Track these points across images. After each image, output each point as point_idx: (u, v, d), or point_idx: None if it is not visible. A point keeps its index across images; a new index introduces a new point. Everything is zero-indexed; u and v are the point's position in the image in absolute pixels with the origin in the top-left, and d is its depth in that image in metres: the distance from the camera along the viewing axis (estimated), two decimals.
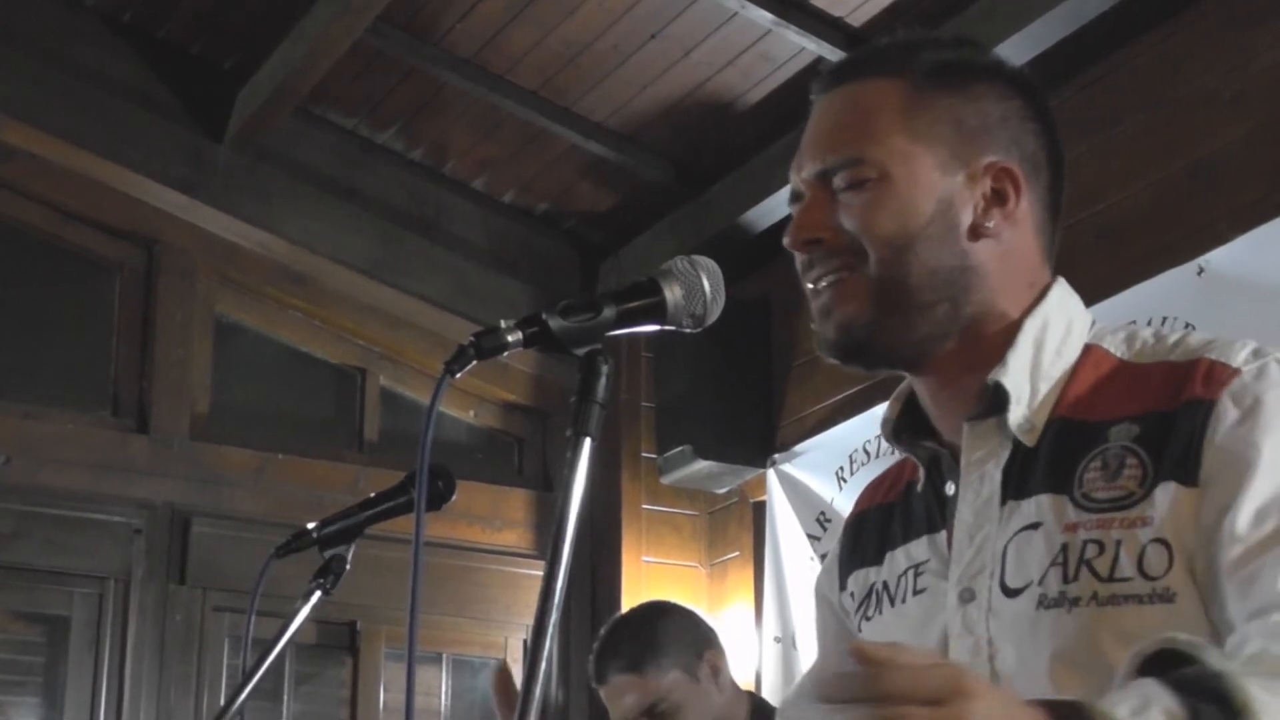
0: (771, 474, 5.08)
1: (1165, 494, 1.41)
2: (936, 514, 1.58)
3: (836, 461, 4.84)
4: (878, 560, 1.64)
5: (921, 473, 1.62)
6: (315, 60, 4.71)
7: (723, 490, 5.41)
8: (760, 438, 5.17)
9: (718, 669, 3.33)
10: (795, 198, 1.62)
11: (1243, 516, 1.37)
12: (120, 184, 5.10)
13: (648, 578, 5.30)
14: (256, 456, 5.23)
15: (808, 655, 4.86)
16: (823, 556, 4.79)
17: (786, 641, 4.95)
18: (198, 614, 5.06)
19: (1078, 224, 4.16)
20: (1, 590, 4.91)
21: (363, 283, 5.38)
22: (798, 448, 5.01)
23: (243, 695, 2.22)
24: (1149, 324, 3.90)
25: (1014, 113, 1.60)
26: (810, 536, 4.90)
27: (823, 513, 4.87)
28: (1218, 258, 3.77)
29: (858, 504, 1.75)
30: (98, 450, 5.02)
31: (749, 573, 5.27)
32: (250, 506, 5.13)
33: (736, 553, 5.37)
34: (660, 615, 3.45)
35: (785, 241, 1.60)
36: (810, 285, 1.58)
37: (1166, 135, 4.06)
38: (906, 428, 1.63)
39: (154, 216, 5.19)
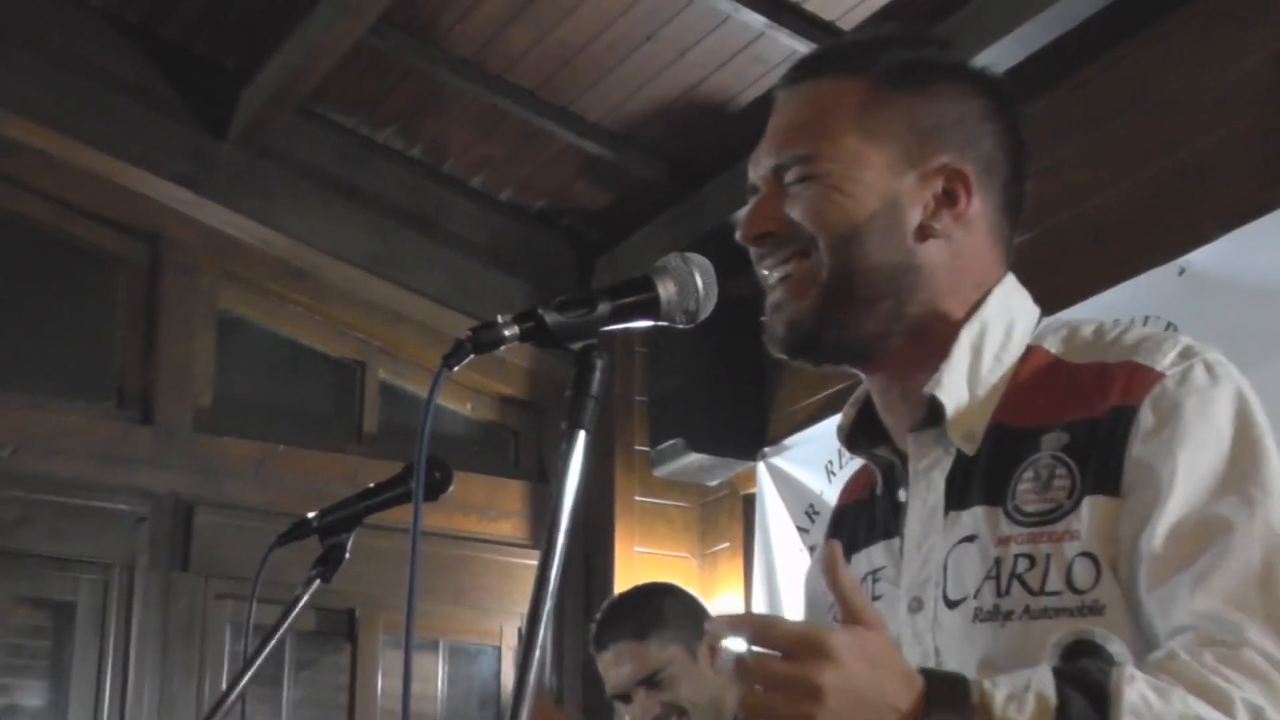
0: (762, 467, 5.09)
1: (1091, 507, 1.39)
2: (892, 520, 1.58)
3: (826, 455, 4.84)
4: (848, 560, 1.63)
5: (879, 478, 1.61)
6: (316, 60, 4.71)
7: (714, 483, 5.41)
8: (751, 431, 5.17)
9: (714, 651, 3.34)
10: (751, 192, 1.62)
11: (1159, 533, 1.35)
12: (125, 180, 5.10)
13: (640, 568, 5.30)
14: (258, 448, 5.24)
15: None
16: (812, 548, 4.81)
17: None
18: (200, 601, 5.06)
19: (1064, 224, 4.16)
20: (8, 576, 4.91)
21: (362, 278, 5.38)
22: (787, 441, 5.02)
23: (244, 680, 2.22)
24: (1131, 323, 3.91)
25: (973, 113, 1.59)
26: (799, 529, 4.91)
27: (812, 505, 4.87)
28: (1200, 258, 3.77)
29: (839, 499, 1.76)
30: (103, 441, 5.03)
31: (739, 563, 5.28)
32: (251, 496, 5.13)
33: (727, 544, 5.38)
34: (666, 593, 3.48)
35: (737, 235, 1.60)
36: (764, 274, 1.58)
37: (1152, 137, 4.06)
38: (862, 434, 1.63)
39: (158, 212, 5.19)
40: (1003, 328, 1.55)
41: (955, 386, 1.51)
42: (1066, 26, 4.03)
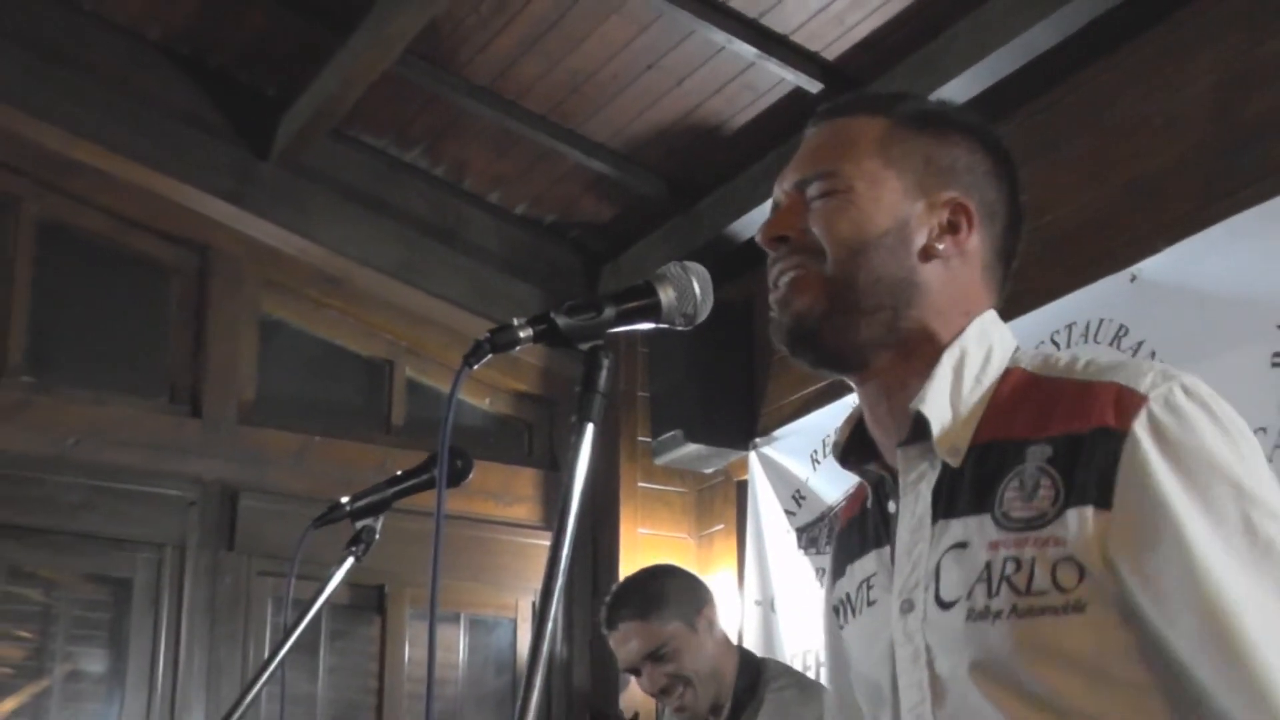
0: (753, 456, 5.09)
1: (1077, 518, 1.36)
2: (883, 531, 1.56)
3: (811, 445, 4.84)
4: (846, 572, 1.63)
5: (870, 493, 1.60)
6: (349, 88, 4.71)
7: (709, 470, 5.41)
8: (743, 424, 5.16)
9: (713, 623, 3.35)
10: (775, 207, 1.61)
11: (1190, 591, 1.32)
12: (176, 196, 5.10)
13: (643, 547, 5.30)
14: (296, 439, 5.23)
15: (785, 617, 4.87)
16: (798, 530, 4.81)
17: (765, 604, 4.95)
18: (244, 578, 5.06)
19: (1027, 235, 4.15)
20: (73, 555, 4.91)
21: (391, 284, 5.38)
22: (776, 433, 5.01)
23: (284, 649, 2.22)
24: (1087, 325, 3.91)
25: (981, 164, 1.58)
26: (787, 512, 4.91)
27: (798, 490, 4.87)
28: (1150, 266, 3.77)
29: (840, 516, 1.73)
30: (156, 432, 5.03)
31: (733, 543, 5.27)
32: (291, 483, 5.13)
33: (721, 526, 5.37)
34: (666, 574, 3.49)
35: (757, 238, 1.59)
36: (773, 278, 1.56)
37: (1105, 156, 4.06)
38: (854, 451, 1.60)
39: (206, 225, 5.18)
40: (982, 353, 1.53)
41: (939, 405, 1.49)
42: (1028, 57, 4.02)
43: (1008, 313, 1.61)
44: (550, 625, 1.34)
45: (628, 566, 5.07)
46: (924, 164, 1.55)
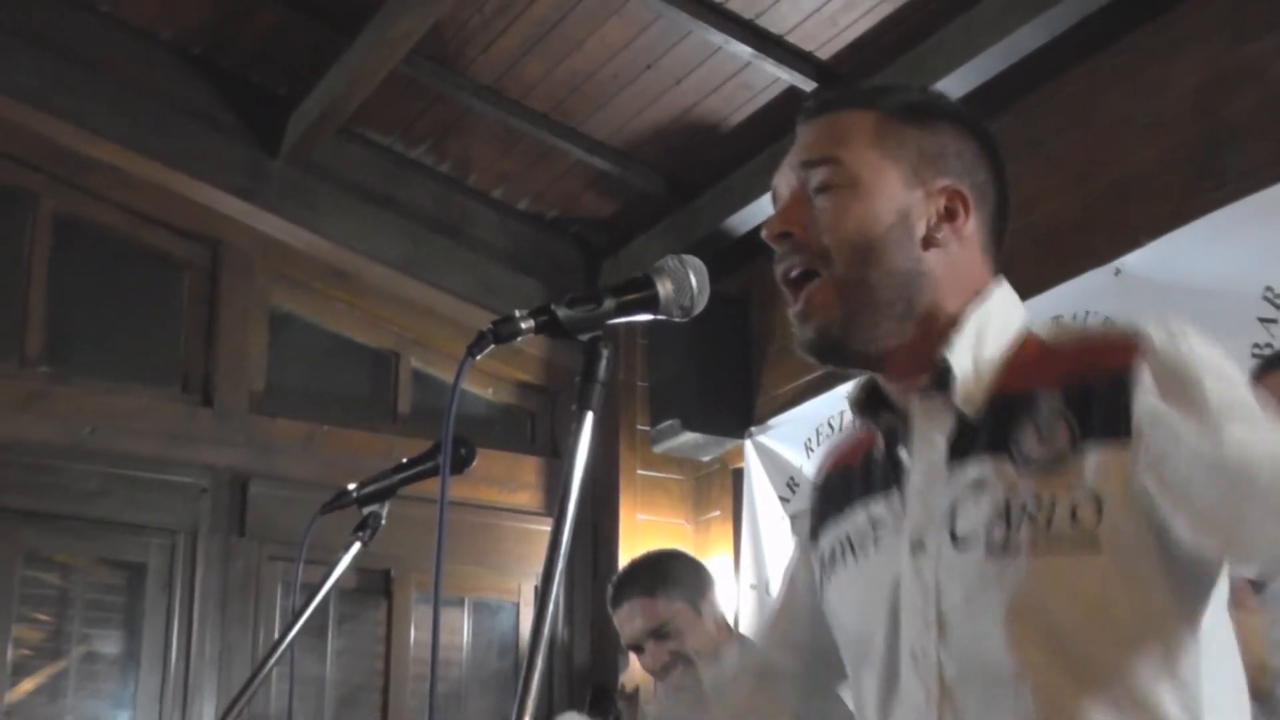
0: (749, 444, 5.09)
1: (1095, 455, 1.39)
2: (892, 477, 1.56)
3: (805, 434, 4.84)
4: (841, 516, 1.62)
5: (881, 440, 1.60)
6: (357, 87, 4.71)
7: (706, 458, 5.41)
8: (739, 413, 5.16)
9: (714, 607, 3.35)
10: (775, 198, 1.61)
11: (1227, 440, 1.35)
12: (189, 192, 5.10)
13: (641, 533, 5.30)
14: (305, 427, 5.23)
15: None
16: (793, 516, 4.81)
17: (760, 588, 4.95)
18: (255, 562, 5.06)
19: (1014, 231, 4.14)
20: (89, 541, 4.92)
21: (397, 278, 5.38)
22: (772, 422, 5.01)
23: (293, 632, 2.22)
24: (1073, 318, 3.90)
25: (969, 149, 1.59)
26: (781, 499, 4.91)
27: (792, 478, 4.87)
28: (1133, 261, 3.77)
29: (821, 468, 1.73)
30: (169, 421, 5.03)
31: (729, 529, 5.27)
32: (300, 470, 5.13)
33: (718, 512, 5.38)
34: (673, 557, 3.50)
35: (763, 233, 1.58)
36: (781, 273, 1.56)
37: (1091, 155, 4.06)
38: (869, 403, 1.61)
39: (218, 221, 5.19)
40: (1001, 318, 1.55)
41: (963, 357, 1.50)
42: (1015, 57, 4.02)
43: None
44: (551, 608, 1.33)
45: (627, 551, 5.07)
46: (917, 154, 1.56)
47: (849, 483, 1.64)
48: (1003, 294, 1.57)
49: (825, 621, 1.67)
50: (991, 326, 1.53)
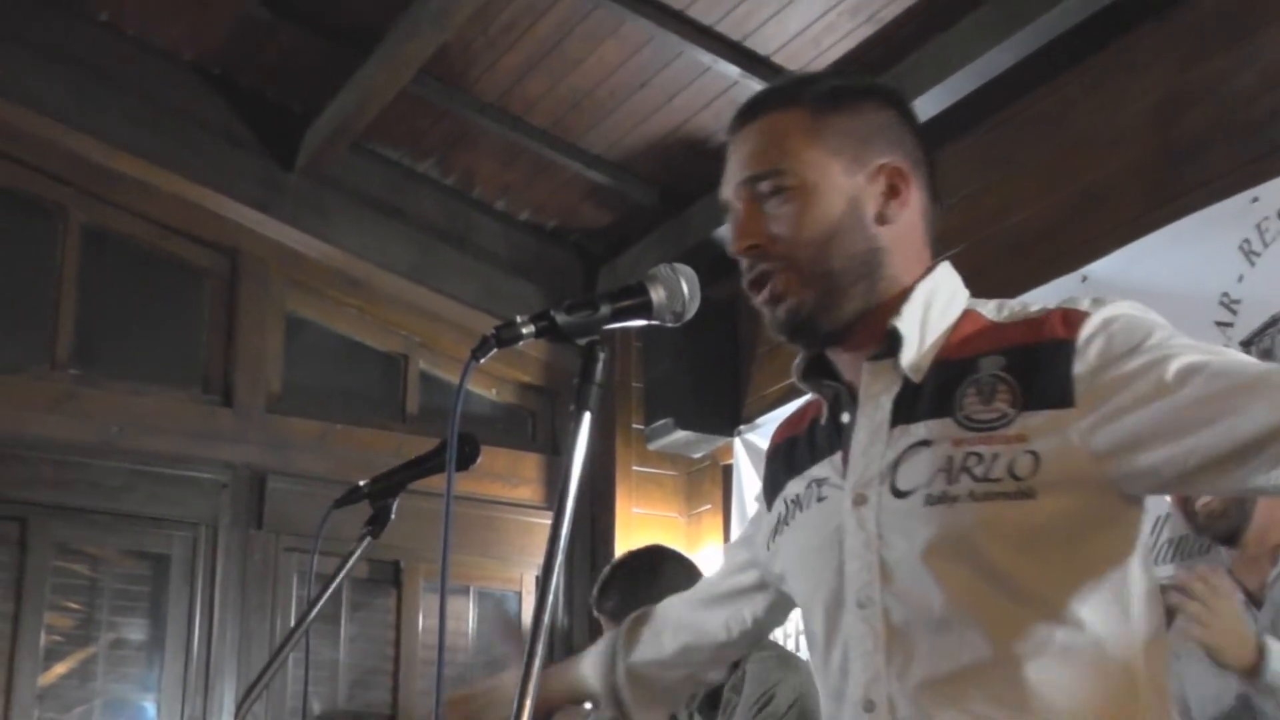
0: (737, 442, 5.08)
1: (1036, 419, 1.40)
2: (835, 440, 1.57)
3: None
4: (789, 479, 1.64)
5: (825, 407, 1.61)
6: (368, 104, 4.71)
7: (698, 455, 5.40)
8: (729, 412, 5.16)
9: None
10: (725, 209, 1.61)
11: (1174, 378, 1.36)
12: (209, 204, 5.10)
13: (637, 526, 5.30)
14: (319, 426, 5.23)
15: None
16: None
17: None
18: (272, 554, 5.06)
19: (987, 239, 4.16)
20: (115, 533, 4.91)
21: (405, 285, 5.38)
22: (759, 420, 5.01)
23: (308, 620, 2.21)
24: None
25: (891, 120, 1.60)
26: None
27: None
28: (1099, 267, 3.77)
29: (773, 439, 1.74)
30: (191, 421, 5.02)
31: (719, 521, 5.27)
32: (314, 467, 5.12)
33: (709, 506, 5.37)
34: (643, 572, 3.29)
35: (730, 250, 1.59)
36: (751, 281, 1.56)
37: (1058, 168, 4.06)
38: (813, 371, 1.62)
39: (236, 231, 5.18)
40: (948, 292, 1.56)
41: (910, 327, 1.51)
42: (988, 77, 4.03)
43: None
44: (552, 597, 1.33)
45: (623, 543, 5.07)
46: (851, 140, 1.56)
47: (796, 450, 1.65)
48: (947, 271, 1.59)
49: (761, 568, 1.74)
50: (938, 299, 1.54)
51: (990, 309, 1.54)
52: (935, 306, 1.53)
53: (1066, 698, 1.38)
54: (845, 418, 1.56)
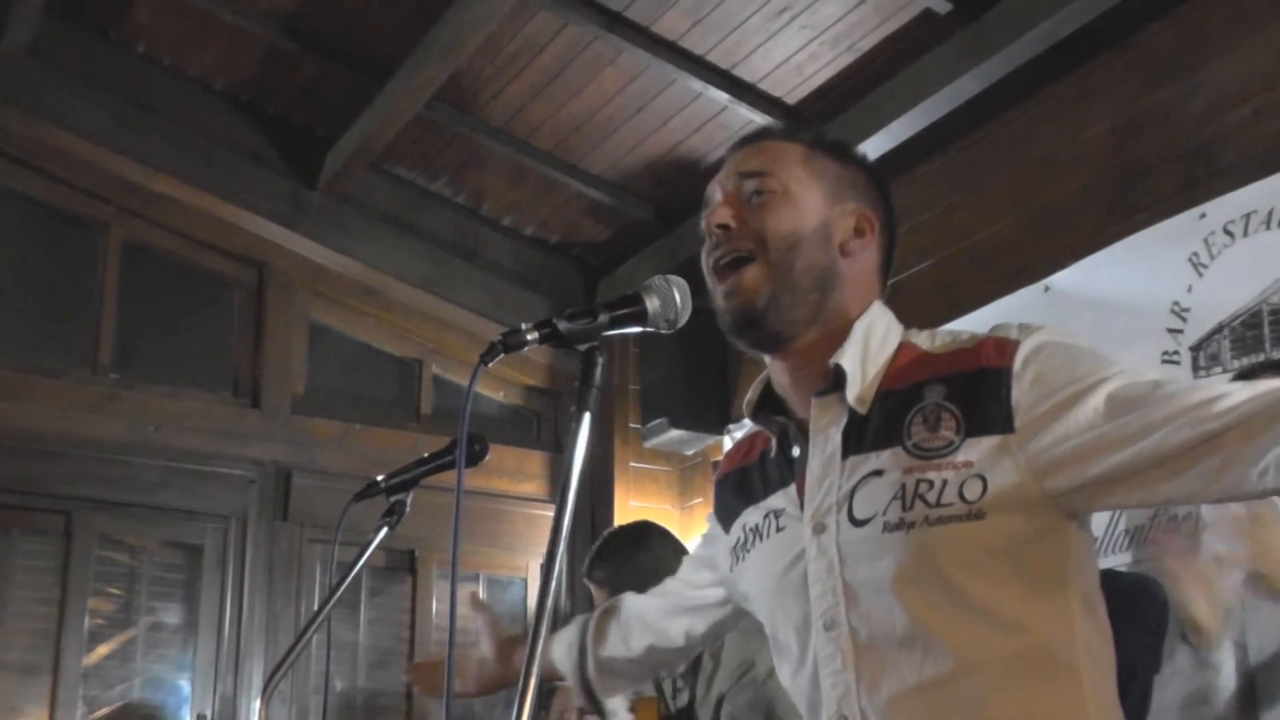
0: (727, 440, 5.09)
1: (980, 445, 1.40)
2: (787, 472, 1.57)
3: None
4: (746, 507, 1.63)
5: (774, 442, 1.60)
6: (385, 128, 4.70)
7: (690, 452, 5.40)
8: (719, 412, 5.16)
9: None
10: (706, 203, 1.62)
11: (1103, 406, 1.36)
12: (238, 221, 5.09)
13: (633, 518, 5.27)
14: (340, 426, 5.22)
15: None
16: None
17: None
18: (297, 544, 5.05)
19: (955, 253, 4.16)
20: (153, 525, 4.90)
21: (419, 295, 5.37)
22: (747, 420, 5.00)
23: (330, 604, 2.21)
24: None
25: (871, 183, 1.63)
26: None
27: None
28: (1059, 279, 3.78)
29: (721, 469, 1.74)
30: (221, 421, 5.02)
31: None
32: (335, 463, 5.12)
33: (700, 499, 5.37)
34: (633, 546, 3.31)
35: (702, 225, 1.60)
36: (715, 258, 1.57)
37: (1022, 187, 4.06)
38: (762, 408, 1.62)
39: (263, 245, 5.18)
40: (883, 326, 1.56)
41: (853, 362, 1.51)
42: (956, 103, 4.03)
43: (942, 318, 1.63)
44: (554, 583, 1.33)
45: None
46: (835, 179, 1.59)
47: (748, 481, 1.65)
48: (881, 309, 1.59)
49: (727, 586, 1.74)
50: (875, 333, 1.55)
51: (923, 339, 1.55)
52: (873, 341, 1.54)
53: (1023, 701, 1.39)
54: (795, 451, 1.55)
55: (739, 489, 1.66)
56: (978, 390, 1.42)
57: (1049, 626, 1.40)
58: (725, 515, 1.69)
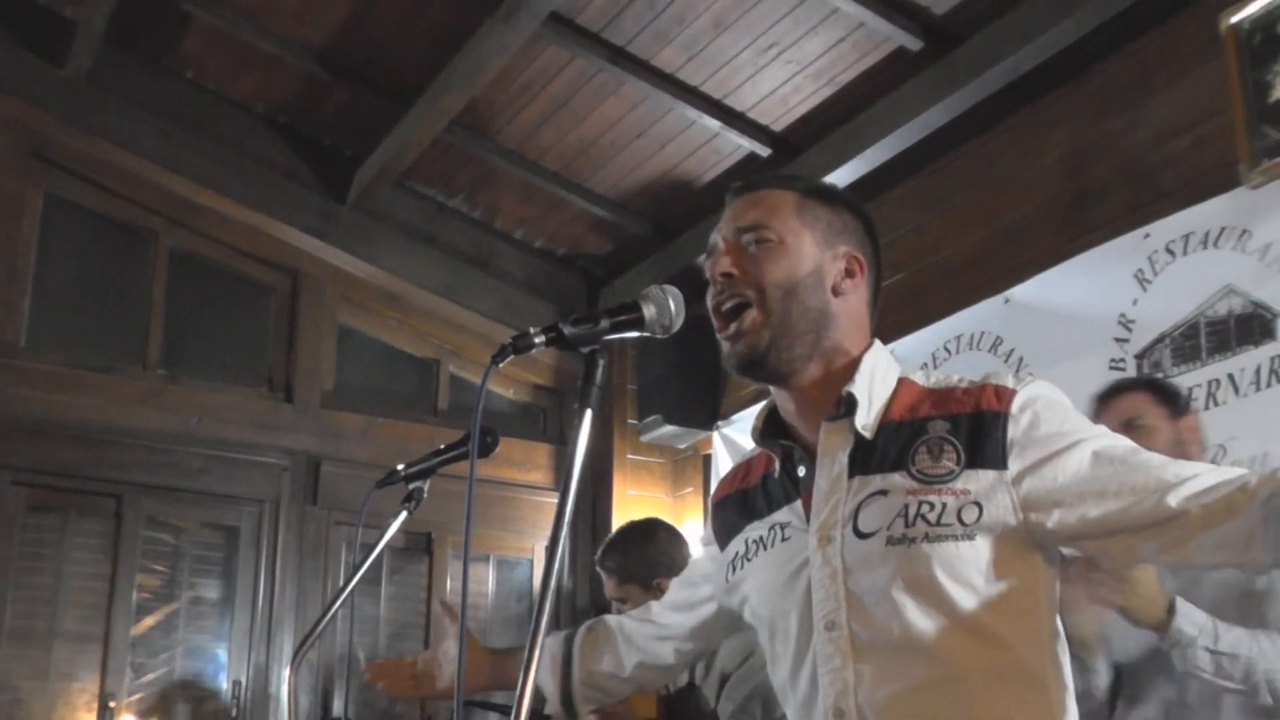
0: (716, 435, 5.08)
1: (978, 476, 1.43)
2: (792, 490, 1.56)
3: None
4: (748, 523, 1.62)
5: (777, 463, 1.59)
6: (408, 149, 4.71)
7: (682, 446, 5.40)
8: (709, 410, 5.15)
9: (662, 589, 3.19)
10: (710, 252, 1.61)
11: (1093, 465, 1.42)
12: (275, 232, 5.09)
13: (630, 505, 5.29)
14: (364, 419, 5.22)
15: None
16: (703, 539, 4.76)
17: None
18: (325, 527, 5.05)
19: (925, 267, 4.16)
20: (195, 508, 4.90)
21: (438, 301, 5.37)
22: (734, 417, 5.01)
23: (354, 582, 2.21)
24: (971, 337, 3.91)
25: (859, 230, 1.62)
26: None
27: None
28: (1019, 291, 3.78)
29: (718, 492, 1.72)
30: (258, 414, 5.01)
31: (699, 502, 5.26)
32: (360, 453, 5.11)
33: (691, 489, 5.37)
34: (643, 540, 3.27)
35: (706, 273, 1.59)
36: (717, 304, 1.57)
37: (985, 207, 4.07)
38: (768, 434, 1.61)
39: (297, 255, 5.17)
40: (884, 364, 1.57)
41: (862, 392, 1.51)
42: (927, 131, 4.03)
43: (913, 326, 1.63)
44: (558, 563, 1.33)
45: (618, 520, 5.06)
46: (826, 226, 1.58)
47: (750, 500, 1.63)
48: (880, 348, 1.60)
49: (709, 598, 1.74)
50: (879, 370, 1.55)
51: (920, 376, 1.56)
52: (877, 376, 1.54)
53: (1004, 706, 1.41)
54: (801, 470, 1.55)
55: (741, 509, 1.65)
56: (978, 429, 1.45)
57: (1025, 642, 1.43)
58: (725, 532, 1.67)
